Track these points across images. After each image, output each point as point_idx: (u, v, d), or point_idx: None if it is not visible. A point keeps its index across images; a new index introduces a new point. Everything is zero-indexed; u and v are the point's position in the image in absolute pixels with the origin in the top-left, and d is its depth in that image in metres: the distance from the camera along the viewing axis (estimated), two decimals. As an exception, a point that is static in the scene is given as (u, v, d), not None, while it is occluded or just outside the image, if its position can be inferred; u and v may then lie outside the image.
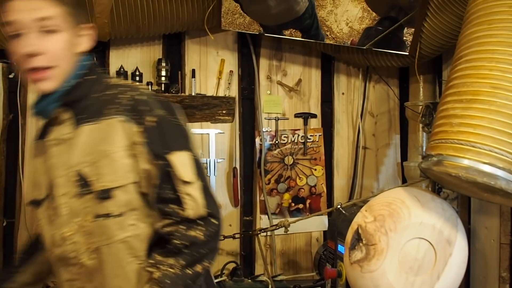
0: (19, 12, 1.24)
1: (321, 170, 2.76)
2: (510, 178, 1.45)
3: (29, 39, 1.24)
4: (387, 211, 1.65)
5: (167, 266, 1.20)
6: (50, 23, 1.26)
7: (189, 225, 1.21)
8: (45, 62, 1.26)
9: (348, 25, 2.68)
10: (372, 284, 1.64)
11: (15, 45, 1.25)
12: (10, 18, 1.24)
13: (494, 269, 2.09)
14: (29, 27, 1.24)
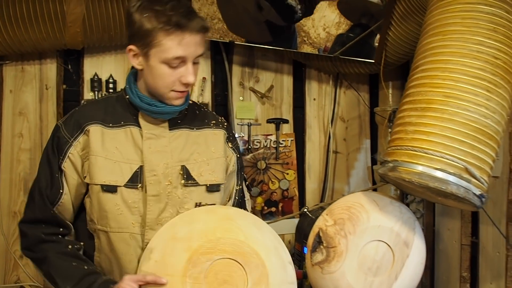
0: (188, 48, 1.49)
1: (293, 174, 2.82)
2: (460, 183, 1.52)
3: (190, 70, 1.52)
4: (347, 215, 1.72)
5: None
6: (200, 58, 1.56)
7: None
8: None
9: (325, 30, 2.75)
10: (332, 285, 1.70)
11: (169, 73, 1.50)
12: (178, 53, 1.48)
13: (456, 269, 2.17)
14: (191, 59, 1.51)
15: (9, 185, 2.66)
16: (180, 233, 1.51)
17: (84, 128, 1.57)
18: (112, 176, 1.55)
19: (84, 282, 1.49)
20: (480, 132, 1.53)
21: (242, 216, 1.63)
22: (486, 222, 1.97)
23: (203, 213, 1.58)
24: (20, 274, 2.70)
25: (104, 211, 1.55)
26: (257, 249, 1.53)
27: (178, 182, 1.61)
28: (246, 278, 1.50)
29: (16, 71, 2.67)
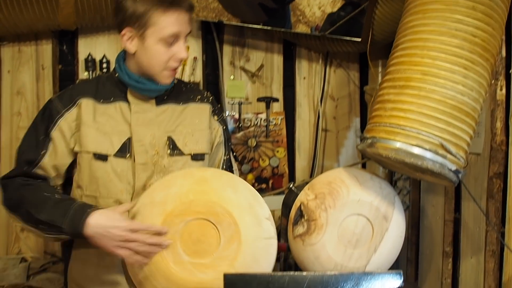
0: (182, 25, 1.60)
1: (283, 152, 2.87)
2: (435, 159, 1.56)
3: (183, 47, 1.62)
4: (328, 189, 1.76)
5: None
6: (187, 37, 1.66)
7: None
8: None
9: (320, 8, 2.77)
10: (313, 256, 1.75)
11: (165, 51, 1.60)
12: (174, 29, 1.58)
13: (439, 244, 2.22)
14: (183, 36, 1.62)
15: (9, 163, 2.75)
16: (157, 197, 1.58)
17: (76, 101, 1.66)
18: (103, 146, 1.64)
19: (58, 208, 1.52)
20: (457, 109, 1.56)
21: (218, 177, 1.67)
22: (468, 198, 2.02)
23: (180, 177, 1.63)
24: (21, 246, 2.83)
25: (95, 177, 1.64)
26: (229, 208, 1.58)
27: (165, 152, 1.71)
28: (219, 236, 1.57)
29: (13, 52, 2.75)
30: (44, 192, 1.59)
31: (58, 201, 1.56)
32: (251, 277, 1.28)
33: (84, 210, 1.50)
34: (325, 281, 1.28)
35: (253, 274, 1.31)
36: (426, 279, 2.32)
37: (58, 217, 1.51)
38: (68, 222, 1.49)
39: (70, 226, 1.49)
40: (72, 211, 1.50)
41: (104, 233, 1.47)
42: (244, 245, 1.59)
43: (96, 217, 1.48)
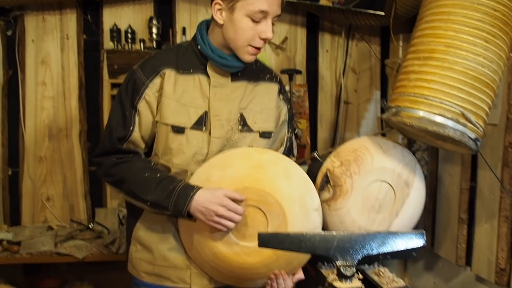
0: (272, 5, 1.64)
1: (305, 123, 2.95)
2: (456, 127, 1.65)
3: (270, 27, 1.67)
4: (353, 156, 1.86)
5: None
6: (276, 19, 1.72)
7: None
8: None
9: (343, -18, 2.81)
10: (338, 221, 1.86)
11: (251, 27, 1.64)
12: (263, 7, 1.62)
13: (455, 212, 2.30)
14: (271, 17, 1.66)
15: (34, 132, 2.82)
16: (214, 177, 1.68)
17: (160, 71, 1.71)
18: (181, 118, 1.70)
19: (160, 188, 1.64)
20: (477, 80, 1.65)
21: (274, 163, 1.75)
22: (484, 167, 2.09)
23: (238, 158, 1.72)
24: (47, 215, 2.92)
25: (169, 148, 1.71)
26: (280, 200, 1.67)
27: (237, 127, 1.78)
28: (267, 224, 1.67)
29: (37, 21, 2.79)
30: (143, 173, 1.68)
31: (159, 181, 1.65)
32: (284, 236, 1.38)
33: (187, 193, 1.62)
34: (353, 240, 1.38)
35: (286, 234, 1.41)
36: (442, 245, 2.41)
37: (163, 199, 1.63)
38: (173, 204, 1.62)
39: (174, 208, 1.63)
40: (176, 195, 1.62)
41: (204, 212, 1.61)
42: None
43: (196, 200, 1.61)
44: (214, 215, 1.60)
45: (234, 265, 1.68)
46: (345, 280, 1.36)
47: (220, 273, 1.74)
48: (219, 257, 1.68)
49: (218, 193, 1.61)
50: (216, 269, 1.72)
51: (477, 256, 2.17)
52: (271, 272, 1.72)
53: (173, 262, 1.78)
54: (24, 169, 2.84)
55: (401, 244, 1.41)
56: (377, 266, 2.09)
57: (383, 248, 1.40)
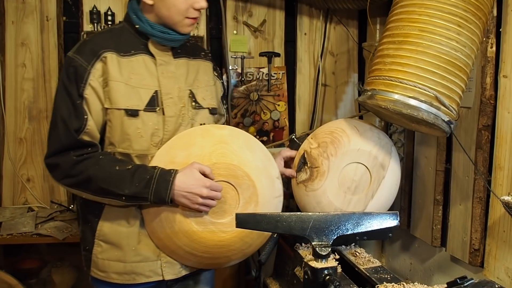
0: None
1: (284, 106, 2.97)
2: (430, 110, 1.67)
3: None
4: (330, 138, 1.88)
5: None
6: None
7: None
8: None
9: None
10: (314, 201, 1.88)
11: (183, 0, 1.63)
12: None
13: (430, 193, 2.33)
14: None
15: (14, 113, 2.79)
16: (178, 157, 1.67)
17: (100, 55, 1.63)
18: (133, 101, 1.65)
19: (136, 179, 1.59)
20: (451, 64, 1.67)
21: (235, 137, 1.78)
22: (458, 149, 2.12)
23: (199, 136, 1.73)
24: (27, 196, 2.89)
25: (127, 134, 1.65)
26: (248, 172, 1.70)
27: (189, 104, 1.77)
28: (238, 198, 1.69)
29: (17, 2, 2.74)
30: (113, 167, 1.61)
31: (133, 172, 1.60)
32: (261, 217, 1.41)
33: (166, 180, 1.59)
34: (328, 220, 1.41)
35: (263, 214, 1.43)
36: (418, 226, 2.45)
37: (141, 190, 1.59)
38: (154, 194, 1.59)
39: (156, 198, 1.60)
40: (154, 183, 1.59)
41: (188, 196, 1.60)
42: (260, 205, 1.72)
43: (178, 186, 1.59)
44: (199, 198, 1.60)
45: (210, 244, 1.69)
46: (320, 260, 1.39)
47: (193, 257, 1.75)
48: (195, 239, 1.69)
49: (196, 173, 1.61)
50: (190, 253, 1.73)
51: (452, 237, 2.21)
52: (246, 246, 1.75)
53: (145, 255, 1.73)
54: (4, 151, 2.81)
55: (375, 225, 1.45)
56: (353, 247, 2.13)
57: (358, 228, 1.43)
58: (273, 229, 1.41)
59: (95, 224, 1.73)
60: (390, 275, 1.85)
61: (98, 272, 1.75)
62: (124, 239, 1.72)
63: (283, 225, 1.40)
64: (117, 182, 1.60)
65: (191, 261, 1.77)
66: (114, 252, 1.73)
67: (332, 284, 1.32)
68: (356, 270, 1.95)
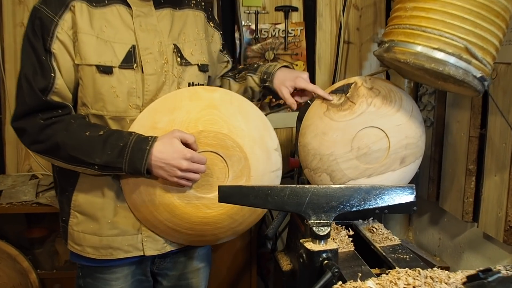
0: None
1: (302, 66, 2.74)
2: (459, 64, 1.42)
3: None
4: (385, 92, 1.69)
5: None
6: None
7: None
8: None
9: None
10: (322, 126, 1.69)
11: None
12: None
13: (462, 162, 2.09)
14: None
15: (14, 76, 2.66)
16: (161, 123, 1.48)
17: (68, 3, 1.45)
18: (106, 56, 1.48)
19: (109, 146, 1.42)
20: (485, 8, 1.41)
21: (228, 102, 1.57)
22: (495, 112, 1.87)
23: (187, 99, 1.53)
24: (32, 163, 2.77)
25: (100, 94, 1.49)
26: (240, 142, 1.50)
27: (174, 61, 1.59)
28: (227, 171, 1.50)
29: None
30: (83, 132, 1.44)
31: (105, 138, 1.43)
32: (248, 190, 1.18)
33: (142, 148, 1.42)
34: (329, 194, 1.18)
35: (251, 187, 1.21)
36: (448, 198, 2.22)
37: (114, 159, 1.42)
38: (128, 163, 1.42)
39: (130, 168, 1.43)
40: (129, 152, 1.41)
41: (166, 168, 1.43)
42: (253, 180, 1.53)
43: (155, 156, 1.42)
44: (177, 171, 1.42)
45: (194, 220, 1.51)
46: (318, 241, 1.16)
47: (177, 233, 1.57)
48: (177, 214, 1.50)
49: (175, 143, 1.42)
50: (172, 228, 1.54)
51: (485, 212, 1.97)
52: (235, 224, 1.56)
53: (123, 228, 1.58)
54: (6, 116, 2.68)
55: (387, 200, 1.21)
56: (371, 222, 1.91)
57: (365, 205, 1.20)
58: (263, 205, 1.19)
59: (70, 194, 1.59)
60: (409, 255, 1.62)
61: (74, 245, 1.61)
62: (99, 211, 1.57)
63: (275, 200, 1.18)
64: (87, 149, 1.42)
65: (175, 237, 1.60)
66: (89, 225, 1.58)
67: (330, 270, 1.10)
68: (372, 249, 1.72)
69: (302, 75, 1.74)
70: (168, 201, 1.48)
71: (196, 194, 1.49)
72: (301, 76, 1.73)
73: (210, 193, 1.50)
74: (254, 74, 1.78)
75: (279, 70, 1.75)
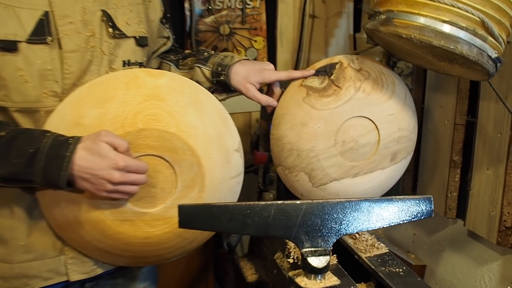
0: None
1: (262, 42, 2.46)
2: (473, 42, 1.16)
3: None
4: (376, 75, 1.43)
5: None
6: None
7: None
8: None
9: None
10: (301, 114, 1.40)
11: None
12: None
13: (446, 152, 1.88)
14: None
15: None
16: (88, 118, 1.16)
17: None
18: (8, 28, 1.13)
19: (14, 153, 1.08)
20: (506, -28, 1.15)
21: (177, 90, 1.25)
22: (488, 97, 1.65)
23: (123, 86, 1.20)
24: None
25: (2, 79, 1.15)
26: (192, 143, 1.20)
27: (103, 32, 1.25)
28: (175, 180, 1.20)
29: None
30: None
31: (8, 143, 1.09)
32: (220, 210, 0.90)
33: (60, 155, 1.07)
34: (327, 212, 0.91)
35: (224, 206, 0.92)
36: (427, 191, 2.00)
37: (22, 170, 1.08)
38: (41, 175, 1.08)
39: (44, 181, 1.09)
40: (42, 160, 1.07)
41: (92, 180, 1.10)
42: (207, 190, 1.23)
43: (77, 165, 1.08)
44: (107, 184, 1.10)
45: (132, 241, 1.21)
46: (314, 276, 0.89)
47: (111, 255, 1.27)
48: (109, 234, 1.19)
49: (103, 148, 1.08)
50: (105, 250, 1.24)
51: (474, 209, 1.75)
52: (186, 242, 1.28)
53: (40, 251, 1.26)
54: None
55: (399, 217, 0.95)
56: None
57: (374, 223, 0.93)
58: (239, 229, 0.91)
59: None
60: (402, 268, 1.37)
61: None
62: (7, 232, 1.24)
63: (256, 223, 0.90)
64: None
65: (108, 259, 1.30)
66: None
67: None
68: (356, 259, 1.47)
69: (268, 67, 1.45)
70: (98, 218, 1.17)
71: (135, 209, 1.19)
72: (266, 68, 1.44)
73: (152, 207, 1.20)
74: (204, 65, 1.45)
75: (238, 63, 1.43)
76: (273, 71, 1.44)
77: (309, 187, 1.43)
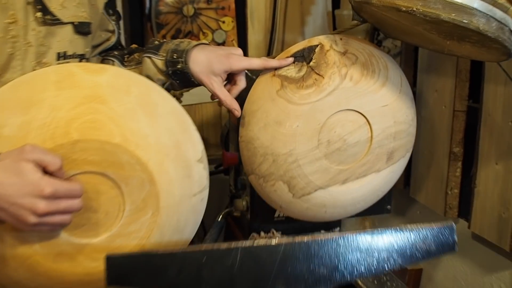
0: None
1: (231, 23, 2.26)
2: (492, 13, 0.92)
3: None
4: (365, 58, 1.20)
5: None
6: None
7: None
8: None
9: None
10: (277, 111, 1.17)
11: None
12: None
13: (444, 143, 1.68)
14: None
15: None
16: (8, 127, 0.93)
17: None
18: None
19: None
20: None
21: (122, 90, 1.02)
22: (495, 80, 1.44)
23: (53, 87, 0.97)
24: None
25: None
26: (142, 156, 0.98)
27: (29, 18, 1.05)
28: (122, 202, 0.98)
29: None
30: None
31: None
32: (164, 259, 0.66)
33: None
34: (313, 254, 0.66)
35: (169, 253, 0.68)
36: (422, 187, 1.80)
37: None
38: None
39: None
40: None
41: (12, 211, 0.87)
42: (163, 212, 1.03)
43: None
44: (30, 216, 0.86)
45: (71, 279, 0.99)
46: None
47: None
48: (40, 272, 0.97)
49: (26, 169, 0.85)
50: None
51: (480, 209, 1.55)
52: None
53: None
54: None
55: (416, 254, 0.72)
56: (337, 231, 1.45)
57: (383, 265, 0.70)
58: (192, 286, 0.65)
59: None
60: None
61: None
62: None
63: (216, 274, 0.66)
64: None
65: None
66: None
67: None
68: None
69: (235, 51, 1.20)
70: (25, 254, 0.95)
71: (72, 240, 0.97)
72: (233, 52, 1.19)
73: (94, 237, 0.98)
74: (155, 54, 1.20)
75: (197, 47, 1.18)
76: (242, 57, 1.19)
77: (289, 198, 1.19)
